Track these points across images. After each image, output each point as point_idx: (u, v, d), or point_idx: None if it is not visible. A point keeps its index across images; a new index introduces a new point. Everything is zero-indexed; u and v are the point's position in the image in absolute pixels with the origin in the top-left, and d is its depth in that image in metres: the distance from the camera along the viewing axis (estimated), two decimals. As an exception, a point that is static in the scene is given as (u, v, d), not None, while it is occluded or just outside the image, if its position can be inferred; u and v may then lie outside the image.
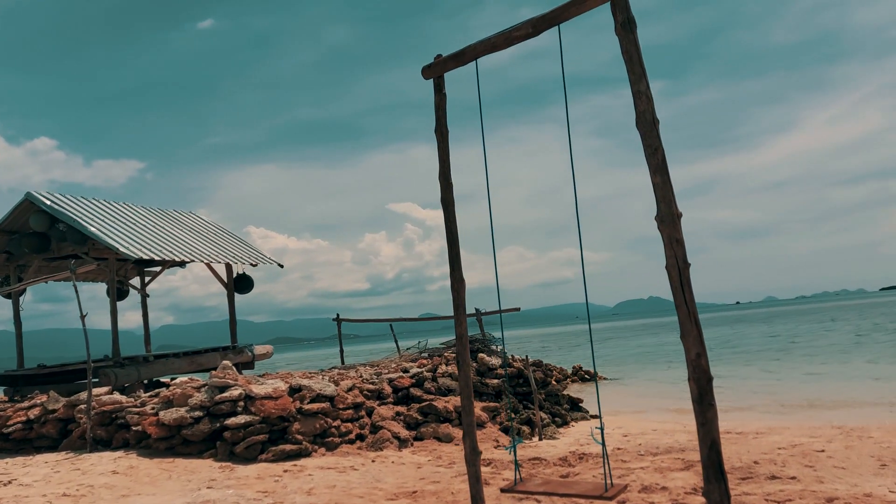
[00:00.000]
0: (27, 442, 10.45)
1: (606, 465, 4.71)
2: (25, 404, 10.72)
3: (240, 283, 16.19)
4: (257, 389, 9.33)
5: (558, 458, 8.59)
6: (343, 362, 16.68)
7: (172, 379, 15.14)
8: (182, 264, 16.19)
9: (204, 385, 9.66)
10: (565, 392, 13.90)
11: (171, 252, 13.32)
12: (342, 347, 17.26)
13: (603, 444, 4.63)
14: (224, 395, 9.24)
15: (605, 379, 23.82)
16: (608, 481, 4.64)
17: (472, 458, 5.60)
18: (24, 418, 10.42)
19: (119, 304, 11.25)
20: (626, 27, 4.64)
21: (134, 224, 13.94)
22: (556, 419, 12.30)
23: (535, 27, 5.09)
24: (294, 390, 9.71)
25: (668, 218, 4.44)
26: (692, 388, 4.32)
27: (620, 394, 19.89)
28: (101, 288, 15.96)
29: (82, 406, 10.14)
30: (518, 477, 5.06)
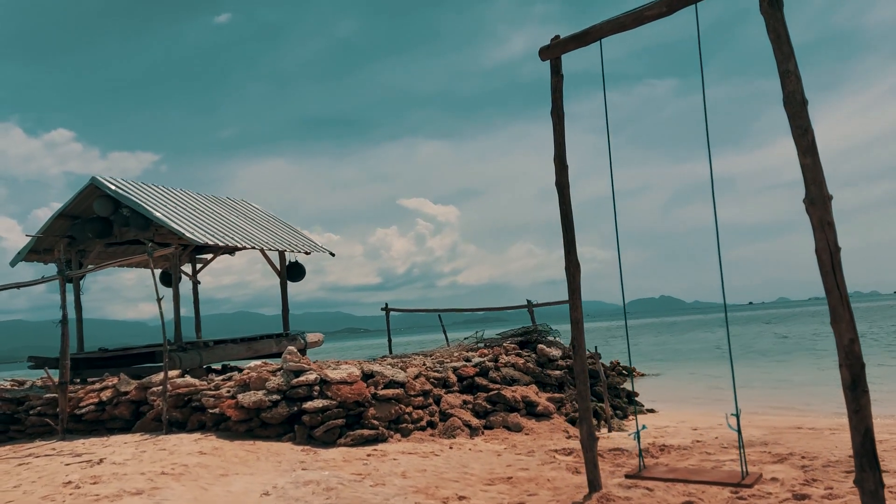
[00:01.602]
0: (99, 423, 10.57)
1: (742, 454, 4.64)
2: (97, 386, 10.84)
3: (292, 271, 16.24)
4: (332, 374, 9.35)
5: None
6: (391, 352, 16.70)
7: (224, 366, 15.26)
8: (232, 251, 16.29)
9: (279, 369, 9.69)
10: (623, 386, 13.80)
11: (231, 238, 13.39)
12: (390, 337, 17.27)
13: (739, 431, 4.57)
14: (300, 379, 9.27)
15: (642, 375, 23.66)
16: (744, 469, 4.57)
17: (590, 443, 5.56)
18: (96, 400, 10.53)
19: (134, 295, 11.24)
20: (773, 5, 4.54)
21: (194, 210, 14.03)
22: (617, 412, 12.23)
23: (669, 6, 5.01)
24: (367, 376, 9.72)
25: (819, 200, 4.36)
26: (844, 374, 4.23)
27: (664, 388, 19.78)
28: (119, 278, 15.73)
29: (155, 389, 10.23)
30: (642, 463, 5.00)
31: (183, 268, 17.13)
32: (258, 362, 10.37)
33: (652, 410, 14.05)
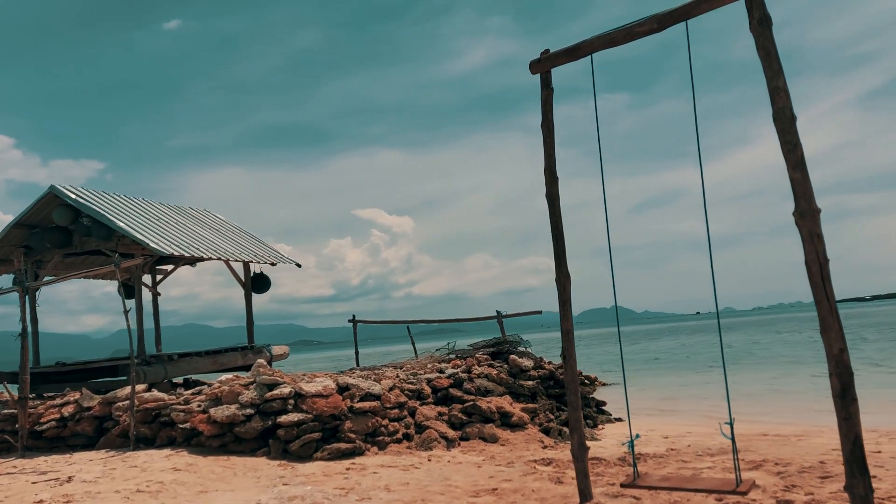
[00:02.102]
0: (60, 440, 10.21)
1: (736, 461, 4.72)
2: (58, 401, 10.47)
3: (257, 283, 15.99)
4: (307, 387, 9.21)
5: (617, 459, 8.60)
6: (358, 364, 16.55)
7: (185, 380, 14.90)
8: (193, 262, 15.96)
9: (251, 382, 9.50)
10: (592, 395, 13.93)
11: (196, 249, 13.11)
12: (357, 349, 17.11)
13: (732, 439, 4.65)
14: (274, 392, 9.11)
15: (603, 384, 23.91)
16: (738, 476, 4.65)
17: (580, 453, 5.59)
18: (57, 416, 10.17)
19: (76, 308, 10.78)
20: (762, 24, 4.68)
21: (157, 220, 13.71)
22: (588, 421, 12.32)
23: (660, 23, 5.11)
24: (342, 389, 9.60)
25: (808, 213, 4.49)
26: (834, 383, 4.35)
27: (622, 398, 20.01)
28: (58, 290, 15.19)
29: (121, 404, 9.92)
30: (636, 472, 5.05)
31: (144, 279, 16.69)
32: (229, 375, 10.16)
33: (619, 419, 14.19)
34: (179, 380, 14.65)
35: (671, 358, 35.68)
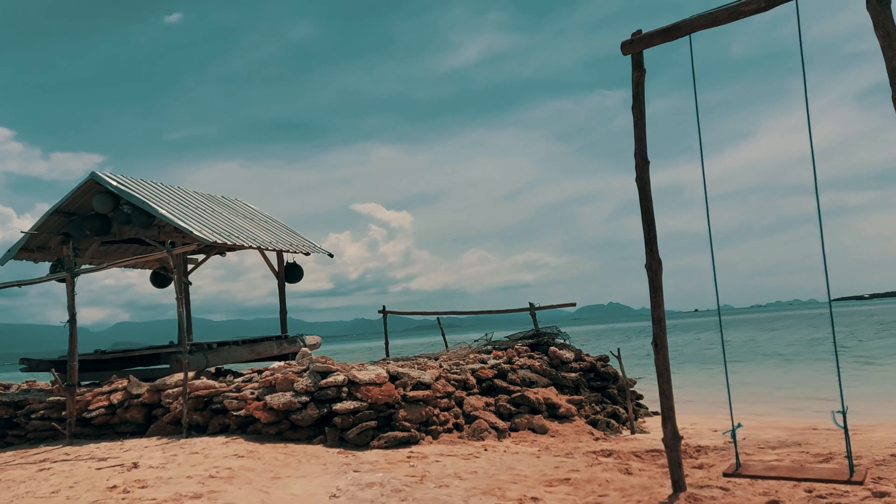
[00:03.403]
0: (109, 427, 10.17)
1: (849, 449, 4.63)
2: (106, 388, 10.42)
3: (290, 272, 15.91)
4: (360, 376, 9.14)
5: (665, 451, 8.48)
6: (388, 354, 16.47)
7: (217, 369, 14.84)
8: (223, 252, 15.90)
9: (304, 370, 9.43)
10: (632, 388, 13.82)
11: (236, 237, 13.04)
12: (387, 340, 17.05)
13: (845, 427, 4.56)
14: (328, 380, 9.04)
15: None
16: (851, 465, 4.56)
17: (674, 443, 5.50)
18: (106, 403, 10.12)
19: (76, 300, 10.56)
20: (882, 2, 4.56)
21: (195, 208, 13.64)
22: (633, 414, 12.23)
23: (767, 1, 4.99)
24: (393, 377, 9.53)
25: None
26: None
27: (647, 392, 19.96)
28: (53, 283, 14.26)
29: (170, 391, 9.87)
30: (738, 462, 4.96)
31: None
32: (281, 363, 10.09)
33: (656, 413, 14.10)
34: (212, 370, 14.61)
35: (681, 353, 35.55)
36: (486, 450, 8.67)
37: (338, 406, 8.78)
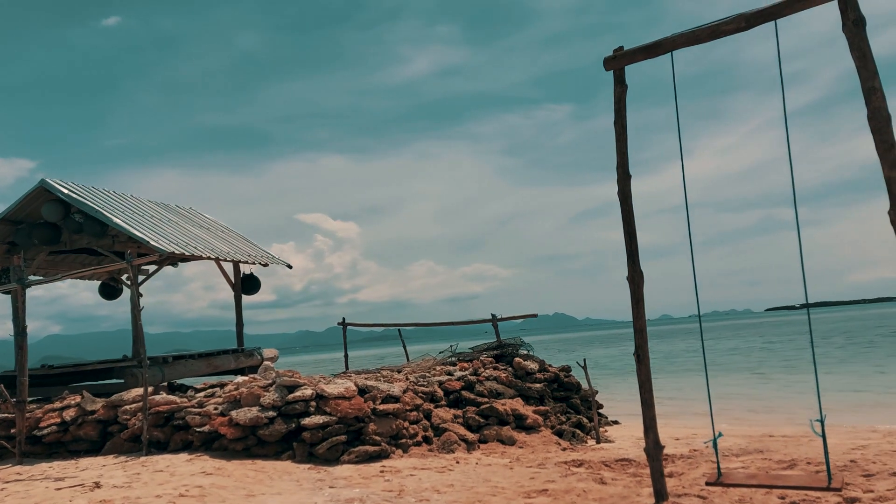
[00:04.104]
0: (60, 445, 9.74)
1: (827, 458, 4.75)
2: (57, 405, 9.98)
3: (247, 284, 15.58)
4: (329, 389, 8.99)
5: (647, 460, 8.58)
6: (347, 367, 16.25)
7: (170, 384, 14.40)
8: (175, 263, 15.50)
9: (270, 384, 9.22)
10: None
11: (193, 247, 12.70)
12: (347, 352, 16.82)
13: (823, 436, 4.68)
14: (296, 394, 8.86)
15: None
16: (829, 473, 4.68)
17: (656, 452, 5.56)
18: (58, 420, 9.69)
19: (3, 311, 10.21)
20: (857, 24, 4.75)
21: (150, 217, 13.23)
22: (592, 423, 12.35)
23: (748, 21, 5.14)
24: (362, 391, 9.40)
25: (905, 212, 4.55)
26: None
27: (611, 401, 20.23)
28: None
29: (128, 407, 9.52)
30: (719, 470, 5.04)
31: (124, 278, 16.13)
32: (245, 378, 9.85)
33: (616, 422, 14.28)
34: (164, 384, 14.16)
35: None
36: (458, 462, 8.62)
37: (306, 421, 8.61)
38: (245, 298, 15.57)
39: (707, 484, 5.03)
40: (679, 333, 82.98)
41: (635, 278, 5.65)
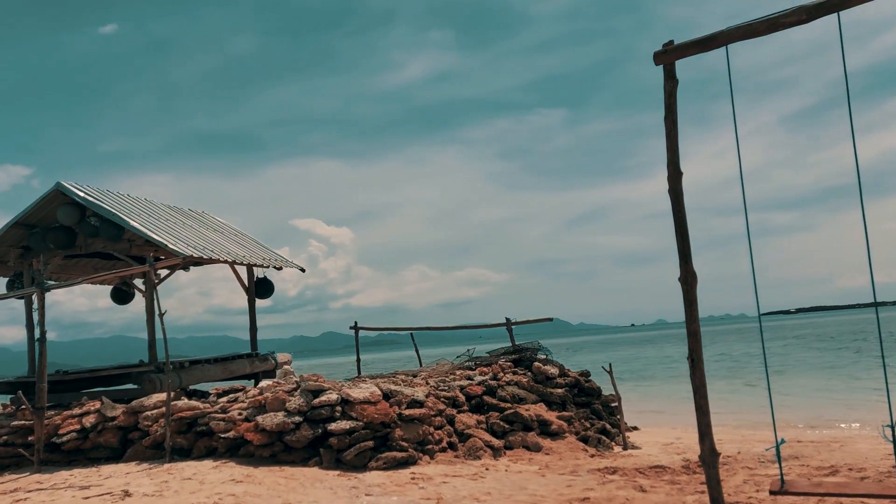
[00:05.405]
0: (80, 453, 9.55)
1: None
2: (77, 411, 9.80)
3: (260, 288, 15.40)
4: (355, 394, 8.82)
5: (681, 467, 8.44)
6: (359, 373, 16.06)
7: (182, 389, 14.21)
8: (187, 267, 15.35)
9: (294, 389, 9.05)
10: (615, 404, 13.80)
11: (210, 251, 12.53)
12: (359, 356, 16.64)
13: (895, 441, 4.52)
14: (321, 399, 8.70)
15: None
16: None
17: (712, 459, 5.39)
18: (77, 427, 9.50)
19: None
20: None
21: (165, 220, 13.07)
22: (615, 429, 12.17)
23: (809, 14, 4.98)
24: (386, 395, 9.23)
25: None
26: None
27: (627, 406, 20.03)
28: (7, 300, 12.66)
29: (149, 413, 9.34)
30: (782, 478, 4.87)
31: (136, 283, 15.94)
32: (269, 382, 9.67)
33: (635, 428, 14.11)
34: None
35: (648, 368, 36.03)
36: (487, 469, 8.46)
37: (333, 426, 8.44)
38: (242, 303, 15.37)
39: (771, 493, 4.84)
40: (670, 339, 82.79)
41: (688, 279, 5.48)
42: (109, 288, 16.13)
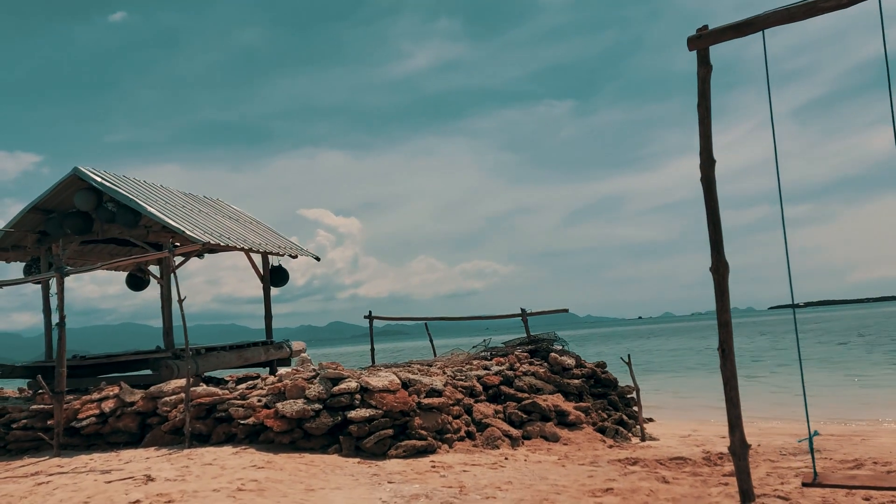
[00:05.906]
0: (99, 437, 9.58)
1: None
2: (96, 396, 9.82)
3: (275, 276, 15.41)
4: (374, 382, 8.79)
5: (702, 459, 8.38)
6: (374, 362, 16.05)
7: (196, 376, 14.24)
8: (201, 254, 15.36)
9: (313, 376, 9.03)
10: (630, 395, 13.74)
11: (227, 238, 12.52)
12: (373, 346, 16.63)
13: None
14: (341, 386, 8.68)
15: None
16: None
17: (742, 451, 5.34)
18: (96, 411, 9.52)
19: (7, 304, 9.83)
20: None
21: (181, 207, 13.06)
22: (631, 420, 12.11)
23: (850, -1, 4.88)
24: (405, 384, 9.20)
25: None
26: None
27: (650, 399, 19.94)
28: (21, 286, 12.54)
29: (168, 398, 9.35)
30: (815, 470, 4.81)
31: (151, 269, 15.97)
32: (288, 369, 9.66)
33: (651, 419, 14.04)
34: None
35: (653, 361, 35.94)
36: (506, 459, 8.42)
37: (352, 414, 8.42)
38: (246, 292, 15.48)
39: (804, 485, 4.78)
40: (680, 331, 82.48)
41: (720, 269, 5.41)
42: (121, 275, 16.18)
